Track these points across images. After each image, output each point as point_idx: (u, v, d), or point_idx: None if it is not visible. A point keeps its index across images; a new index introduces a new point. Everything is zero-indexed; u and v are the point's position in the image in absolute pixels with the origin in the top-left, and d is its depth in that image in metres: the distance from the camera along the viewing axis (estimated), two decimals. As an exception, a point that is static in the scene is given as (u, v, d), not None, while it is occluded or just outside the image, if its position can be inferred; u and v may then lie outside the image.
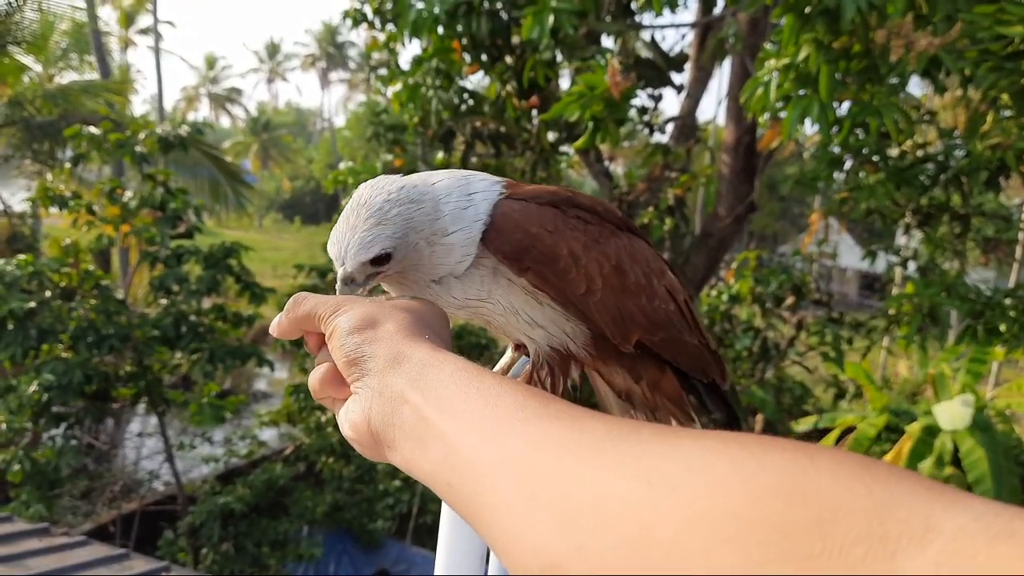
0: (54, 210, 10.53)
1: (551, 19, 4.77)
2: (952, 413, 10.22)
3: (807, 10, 3.88)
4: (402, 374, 0.80)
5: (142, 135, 10.37)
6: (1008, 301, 6.28)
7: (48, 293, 10.08)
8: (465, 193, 1.00)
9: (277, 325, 0.96)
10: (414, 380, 0.78)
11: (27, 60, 16.57)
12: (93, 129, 10.42)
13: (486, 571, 1.05)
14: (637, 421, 0.65)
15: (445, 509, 1.01)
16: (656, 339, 1.07)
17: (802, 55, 4.04)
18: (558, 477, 0.61)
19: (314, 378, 0.92)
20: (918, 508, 0.43)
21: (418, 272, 0.98)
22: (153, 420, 13.89)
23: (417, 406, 0.76)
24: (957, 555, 0.39)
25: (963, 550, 0.39)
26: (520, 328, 1.03)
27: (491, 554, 1.08)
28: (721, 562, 0.47)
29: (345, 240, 0.95)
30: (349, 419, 0.85)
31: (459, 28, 5.81)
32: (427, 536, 12.83)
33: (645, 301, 1.05)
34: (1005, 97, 5.24)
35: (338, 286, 0.98)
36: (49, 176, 11.74)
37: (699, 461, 0.54)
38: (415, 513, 12.52)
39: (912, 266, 9.00)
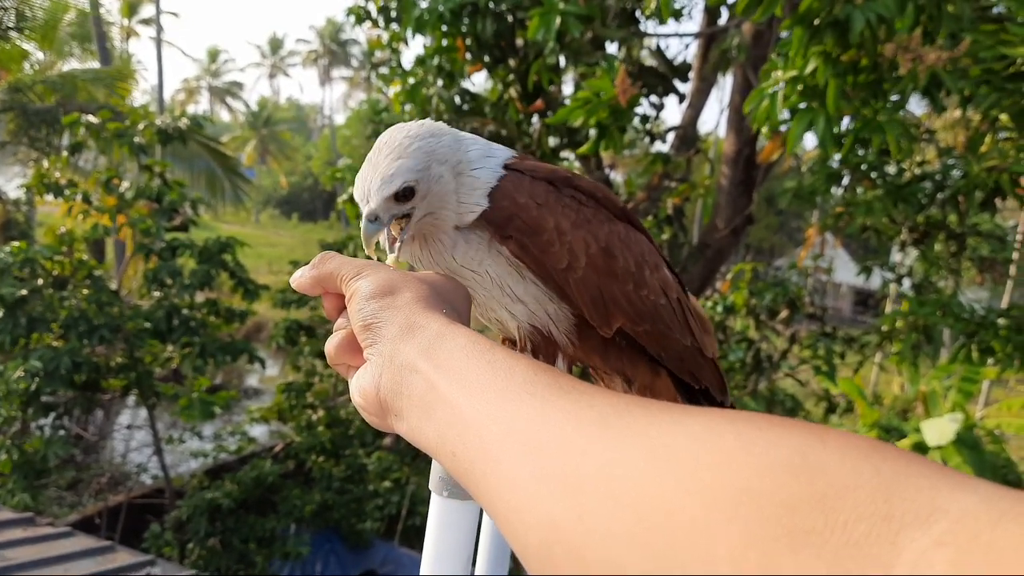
0: (49, 198, 10.51)
1: (557, 21, 4.77)
2: (939, 429, 10.28)
3: (816, 22, 3.88)
4: (415, 343, 0.80)
5: (141, 125, 10.36)
6: (1002, 321, 6.30)
7: (40, 281, 10.05)
8: (488, 146, 1.02)
9: (299, 278, 0.96)
10: (426, 350, 0.79)
11: (29, 47, 16.57)
12: (92, 118, 10.40)
13: (472, 572, 1.04)
14: (645, 398, 0.65)
15: (432, 510, 1.00)
16: (640, 329, 1.05)
17: (809, 68, 4.05)
18: (564, 449, 0.61)
19: (331, 344, 0.93)
20: (925, 489, 0.43)
21: (444, 209, 0.97)
22: (142, 413, 13.87)
23: (427, 375, 0.77)
24: (961, 535, 0.39)
25: (967, 530, 0.39)
26: (502, 303, 1.02)
27: (478, 556, 1.07)
28: (723, 533, 0.47)
29: (368, 179, 0.96)
30: (359, 385, 0.85)
31: (463, 28, 5.81)
32: (416, 537, 12.79)
33: (632, 289, 1.03)
34: (1004, 118, 5.25)
35: (363, 224, 0.98)
36: (45, 163, 11.70)
37: (705, 435, 0.54)
38: (404, 515, 12.50)
39: (907, 283, 9.03)
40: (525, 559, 0.62)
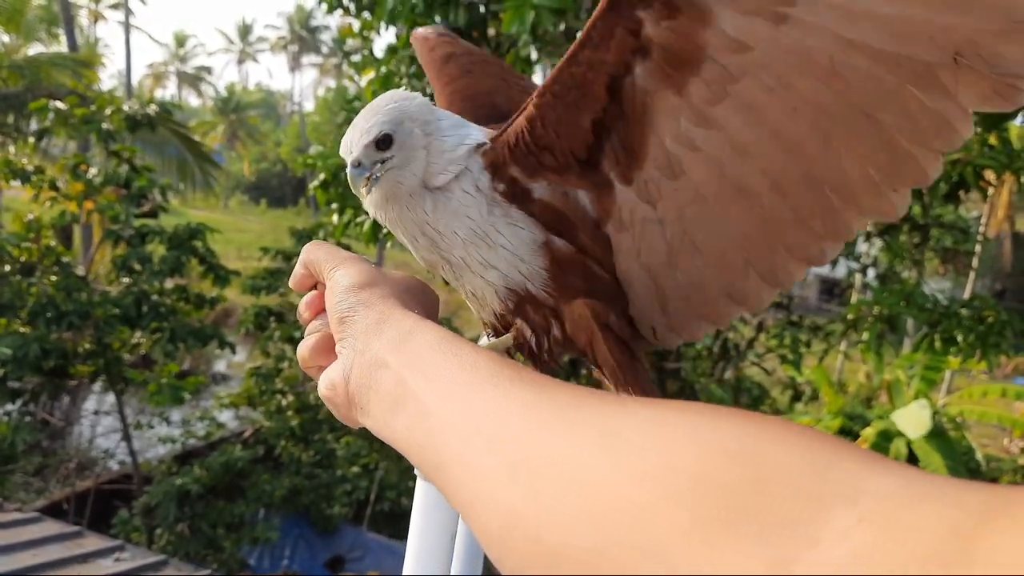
0: (16, 184, 10.38)
1: (532, 15, 4.78)
2: (914, 420, 10.39)
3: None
4: (385, 339, 0.83)
5: (109, 111, 10.24)
6: (964, 311, 6.41)
7: (7, 268, 9.94)
8: (462, 121, 1.10)
9: (294, 276, 1.02)
10: (396, 345, 0.81)
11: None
12: (59, 103, 10.28)
13: (449, 571, 1.08)
14: (603, 391, 0.69)
15: (418, 493, 1.04)
16: None
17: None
18: (523, 439, 0.64)
19: (305, 346, 0.96)
20: (852, 472, 0.47)
21: (414, 164, 1.04)
22: (110, 398, 13.74)
23: (396, 370, 0.79)
24: (881, 514, 0.43)
25: (887, 509, 0.43)
26: (476, 271, 1.06)
27: (455, 550, 1.11)
28: (668, 515, 0.51)
29: (351, 135, 1.05)
30: (328, 377, 0.88)
31: (435, 17, 5.81)
32: (384, 523, 12.80)
33: None
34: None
35: (348, 171, 1.05)
36: (12, 149, 11.54)
37: (655, 423, 0.58)
38: (373, 500, 12.50)
39: (871, 273, 9.15)
40: (487, 546, 0.65)
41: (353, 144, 1.04)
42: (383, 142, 1.03)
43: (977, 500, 0.42)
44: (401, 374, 0.79)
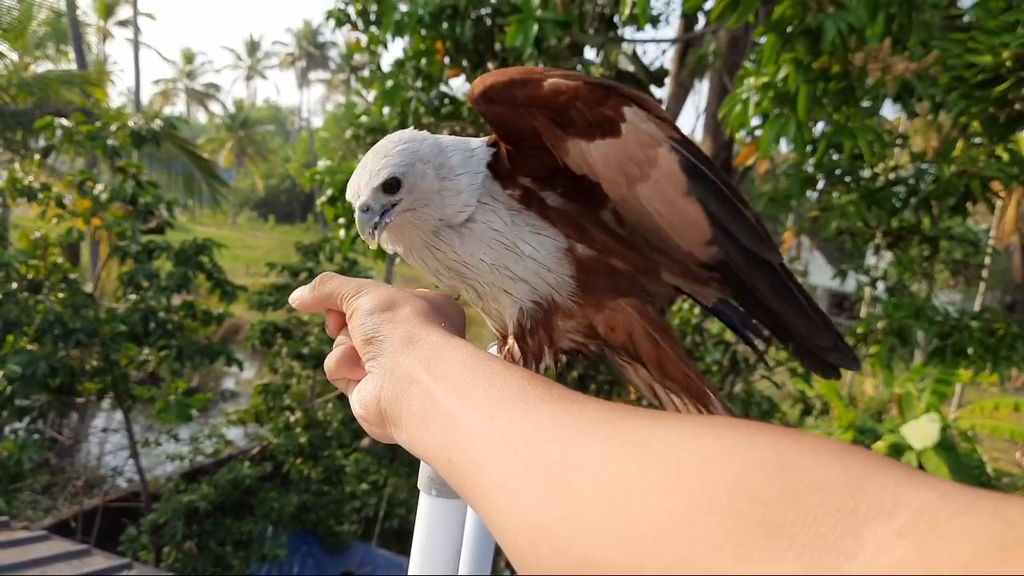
0: (23, 201, 10.42)
1: (535, 28, 4.81)
2: (922, 431, 10.35)
3: (789, 29, 3.94)
4: (414, 356, 0.83)
5: (114, 127, 10.27)
6: (974, 323, 6.38)
7: (15, 285, 9.97)
8: (467, 146, 1.08)
9: (300, 299, 1.01)
10: (425, 362, 0.82)
11: (2, 48, 16.41)
12: (65, 121, 10.32)
13: (457, 571, 1.06)
14: (633, 407, 0.68)
15: (421, 508, 1.02)
16: None
17: (781, 74, 4.10)
18: (553, 453, 0.64)
19: (331, 359, 0.96)
20: (889, 486, 0.46)
21: (428, 208, 1.03)
22: (118, 416, 13.77)
23: (426, 386, 0.80)
24: (919, 527, 0.42)
25: (925, 523, 0.42)
26: (503, 285, 1.06)
27: (462, 554, 1.09)
28: (701, 527, 0.50)
29: (359, 178, 1.03)
30: (360, 396, 0.88)
31: (442, 30, 5.83)
32: (393, 539, 12.79)
33: None
34: (975, 124, 5.34)
35: (356, 215, 1.03)
36: (18, 166, 11.57)
37: (687, 437, 0.57)
38: (382, 516, 12.48)
39: (881, 286, 9.11)
40: (515, 559, 0.64)
41: (361, 187, 1.02)
42: (391, 185, 1.01)
43: (1018, 513, 0.40)
44: (431, 390, 0.79)
